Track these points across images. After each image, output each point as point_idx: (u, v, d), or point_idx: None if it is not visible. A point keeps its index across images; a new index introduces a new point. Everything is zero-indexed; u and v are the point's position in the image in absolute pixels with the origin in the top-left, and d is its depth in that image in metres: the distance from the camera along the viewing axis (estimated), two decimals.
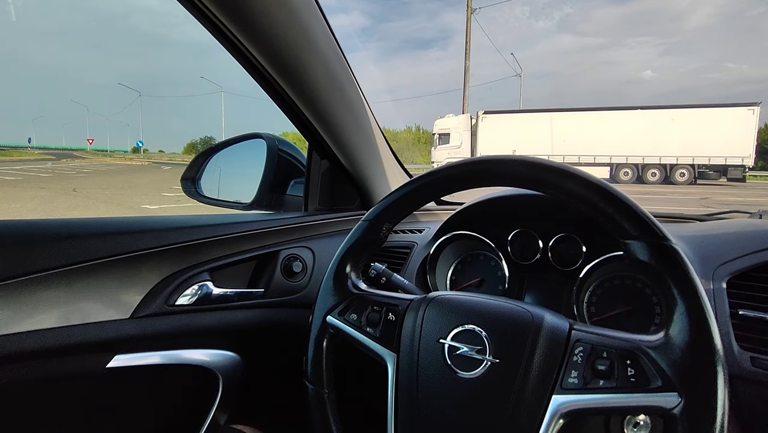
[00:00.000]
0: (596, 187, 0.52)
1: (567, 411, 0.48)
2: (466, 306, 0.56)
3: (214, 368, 0.84)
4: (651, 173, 17.16)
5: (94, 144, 70.25)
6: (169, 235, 0.78)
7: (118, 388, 0.76)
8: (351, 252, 0.66)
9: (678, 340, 0.46)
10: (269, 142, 1.14)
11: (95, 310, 0.70)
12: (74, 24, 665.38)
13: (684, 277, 0.47)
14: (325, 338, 0.64)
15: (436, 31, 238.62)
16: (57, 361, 0.68)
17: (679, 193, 12.41)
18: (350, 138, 1.02)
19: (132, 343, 0.74)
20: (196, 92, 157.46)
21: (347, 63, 0.92)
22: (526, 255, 0.87)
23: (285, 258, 0.93)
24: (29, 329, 0.64)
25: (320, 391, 0.63)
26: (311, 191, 1.12)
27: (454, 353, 0.53)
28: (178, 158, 40.74)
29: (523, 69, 23.43)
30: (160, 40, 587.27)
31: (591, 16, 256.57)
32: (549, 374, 0.49)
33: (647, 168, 17.18)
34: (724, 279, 0.67)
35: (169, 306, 0.77)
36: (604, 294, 0.78)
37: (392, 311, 0.60)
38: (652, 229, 0.49)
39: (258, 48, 0.77)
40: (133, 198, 9.31)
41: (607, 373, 0.47)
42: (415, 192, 0.63)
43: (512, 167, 0.57)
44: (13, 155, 35.50)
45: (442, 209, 1.27)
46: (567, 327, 0.52)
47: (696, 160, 16.50)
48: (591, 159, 17.25)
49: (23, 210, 6.84)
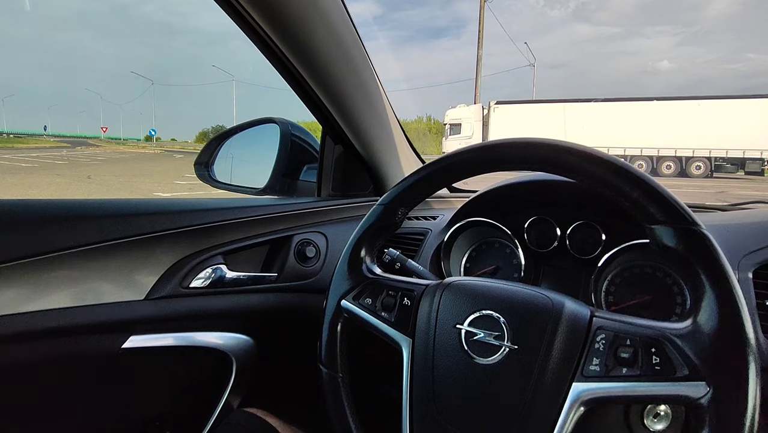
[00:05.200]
0: (622, 171, 0.50)
1: (588, 399, 0.47)
2: (484, 291, 0.55)
3: (228, 351, 0.84)
4: (666, 166, 16.86)
5: (107, 132, 71.13)
6: (183, 217, 0.78)
7: (132, 368, 0.77)
8: (366, 236, 0.65)
9: (707, 327, 0.44)
10: (282, 127, 1.13)
11: (110, 290, 0.71)
12: (89, 12, 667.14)
13: (715, 263, 0.45)
14: (339, 322, 0.64)
15: (448, 19, 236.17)
16: (72, 340, 0.68)
17: (695, 187, 12.17)
18: (364, 123, 1.00)
19: (147, 324, 0.74)
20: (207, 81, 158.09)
21: (363, 47, 0.90)
22: (543, 243, 0.86)
23: (298, 243, 0.93)
24: (45, 308, 0.65)
25: (334, 375, 0.63)
26: (324, 177, 1.11)
27: (471, 338, 0.52)
28: (190, 147, 41.07)
29: (536, 59, 23.10)
30: (173, 28, 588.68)
31: (607, 5, 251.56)
32: (569, 362, 0.48)
33: (662, 160, 16.87)
34: (750, 269, 0.65)
35: (183, 288, 0.78)
36: (623, 283, 0.76)
37: (407, 295, 0.59)
38: (681, 213, 0.48)
39: (274, 30, 0.76)
40: (146, 185, 9.42)
41: (631, 361, 0.45)
42: (431, 176, 0.62)
43: (533, 150, 0.55)
44: (29, 143, 36.07)
45: (455, 197, 1.25)
46: (588, 314, 0.50)
47: (713, 153, 16.17)
48: (605, 150, 16.80)
49: (40, 196, 6.95)
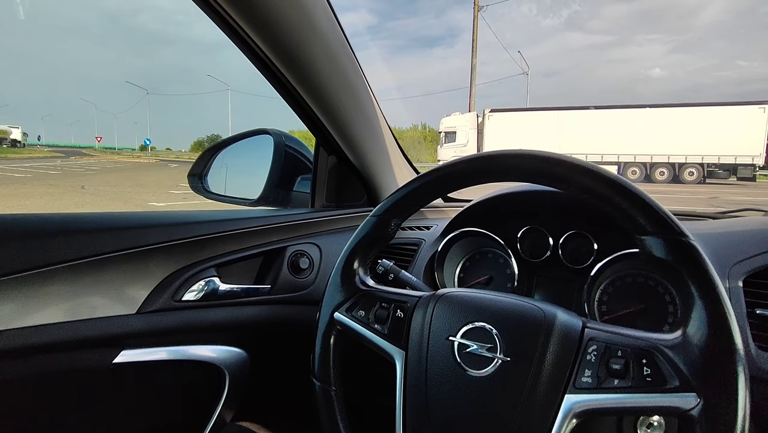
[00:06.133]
0: (611, 182, 0.51)
1: (580, 411, 0.47)
2: (476, 303, 0.55)
3: (221, 364, 0.84)
4: (659, 172, 17.01)
5: (102, 142, 70.75)
6: (176, 230, 0.78)
7: (124, 383, 0.76)
8: (359, 248, 0.65)
9: (696, 339, 0.44)
10: (276, 138, 1.14)
11: (102, 305, 0.70)
12: (83, 22, 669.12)
13: (702, 274, 0.46)
14: (332, 335, 0.64)
15: (443, 28, 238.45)
16: (63, 356, 0.67)
17: (688, 192, 12.27)
18: (358, 133, 1.01)
19: (138, 338, 0.74)
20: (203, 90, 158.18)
21: (356, 58, 0.91)
22: (536, 253, 0.86)
23: (292, 254, 0.93)
24: (36, 324, 0.64)
25: (327, 388, 0.63)
26: (318, 187, 1.12)
27: (464, 350, 0.52)
28: (185, 156, 41.00)
29: (530, 67, 23.34)
30: (168, 38, 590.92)
31: (600, 13, 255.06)
32: (561, 373, 0.48)
33: (655, 167, 17.03)
34: (740, 278, 0.66)
35: (175, 301, 0.77)
36: (615, 293, 0.76)
37: (400, 307, 0.59)
38: (670, 224, 0.48)
39: (265, 42, 0.77)
40: (141, 195, 9.38)
41: (622, 372, 0.46)
42: (424, 187, 0.62)
43: (524, 162, 0.55)
44: (23, 153, 35.84)
45: (449, 206, 1.26)
46: (580, 325, 0.50)
47: (705, 159, 16.33)
48: (599, 158, 17.14)
49: (33, 207, 6.91)
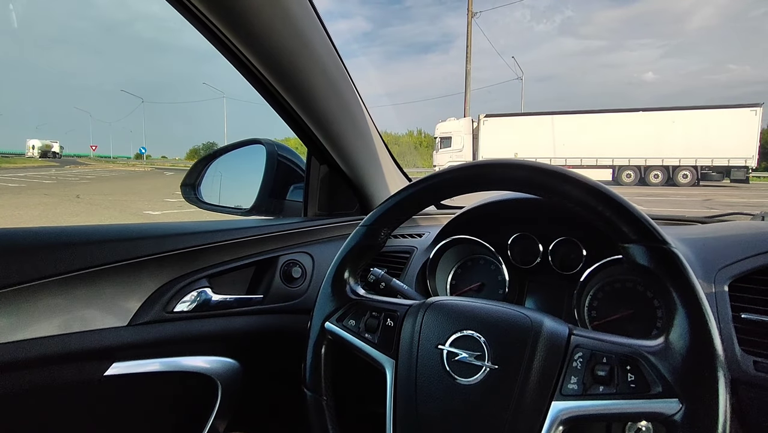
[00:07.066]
0: (594, 191, 0.52)
1: (567, 417, 0.47)
2: (465, 311, 0.56)
3: (213, 374, 0.84)
4: (653, 175, 17.13)
5: (97, 150, 70.58)
6: (168, 241, 0.78)
7: (116, 395, 0.76)
8: (349, 257, 0.66)
9: (678, 345, 0.45)
10: (269, 148, 1.14)
11: (94, 317, 0.70)
12: (77, 31, 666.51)
13: (683, 281, 0.47)
14: (323, 345, 0.64)
15: (437, 35, 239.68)
16: (55, 369, 0.67)
17: (682, 195, 12.36)
18: (349, 143, 1.02)
19: (130, 350, 0.74)
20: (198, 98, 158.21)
21: (345, 68, 0.92)
22: (527, 259, 0.87)
23: (284, 264, 0.93)
24: (28, 337, 0.64)
25: (319, 398, 0.63)
26: (310, 196, 1.12)
27: (453, 359, 0.53)
28: (181, 164, 40.89)
29: (524, 72, 23.43)
30: (163, 46, 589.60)
31: (592, 19, 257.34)
32: (548, 380, 0.49)
33: (650, 170, 17.16)
34: (726, 282, 0.66)
35: (167, 313, 0.77)
36: (605, 298, 0.77)
37: (390, 316, 0.60)
38: (651, 232, 0.49)
39: (254, 54, 0.77)
40: (136, 204, 9.34)
41: (607, 379, 0.46)
42: (414, 197, 0.63)
43: (510, 171, 0.56)
44: (17, 162, 35.63)
45: (441, 213, 1.26)
46: (566, 332, 0.51)
47: (699, 162, 16.48)
48: (593, 161, 17.26)
49: (27, 217, 6.85)
